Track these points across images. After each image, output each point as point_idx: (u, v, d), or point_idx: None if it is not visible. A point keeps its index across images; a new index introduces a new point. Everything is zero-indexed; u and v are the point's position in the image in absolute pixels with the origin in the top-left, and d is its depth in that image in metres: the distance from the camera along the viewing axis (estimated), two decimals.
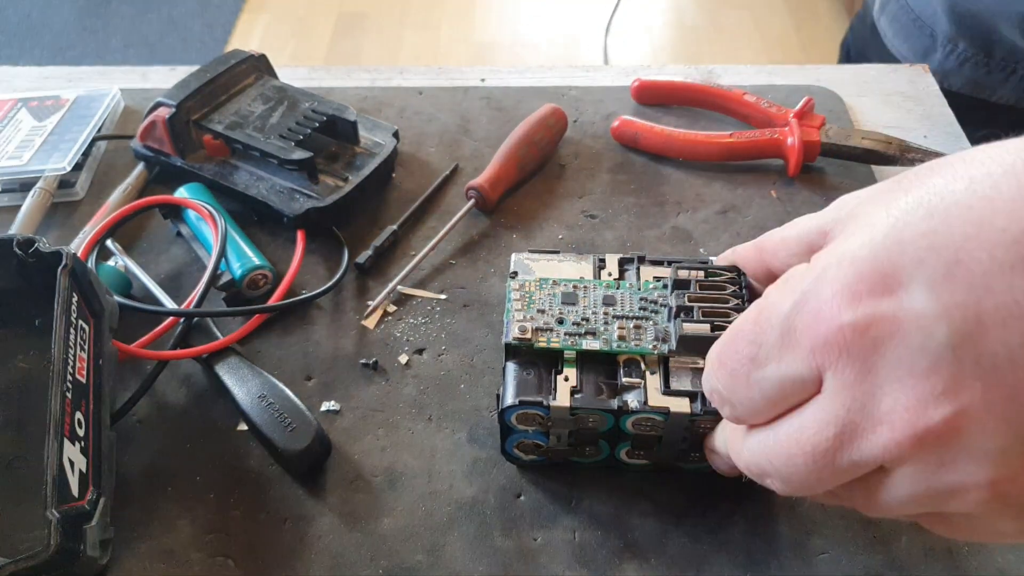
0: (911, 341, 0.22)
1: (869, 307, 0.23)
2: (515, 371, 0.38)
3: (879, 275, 0.23)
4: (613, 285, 0.40)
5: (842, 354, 0.24)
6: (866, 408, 0.23)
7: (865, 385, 0.23)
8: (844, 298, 0.24)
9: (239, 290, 0.48)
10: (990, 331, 0.21)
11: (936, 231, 0.22)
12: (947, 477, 0.23)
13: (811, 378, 0.25)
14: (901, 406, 0.23)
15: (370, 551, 0.38)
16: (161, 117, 0.53)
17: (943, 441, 0.22)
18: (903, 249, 0.23)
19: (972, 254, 0.22)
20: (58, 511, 0.32)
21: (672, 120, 0.60)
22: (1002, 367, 0.21)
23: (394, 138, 0.56)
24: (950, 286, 0.22)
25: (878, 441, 0.23)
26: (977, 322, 0.21)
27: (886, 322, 0.23)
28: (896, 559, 0.37)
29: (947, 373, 0.22)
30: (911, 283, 0.22)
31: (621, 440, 0.38)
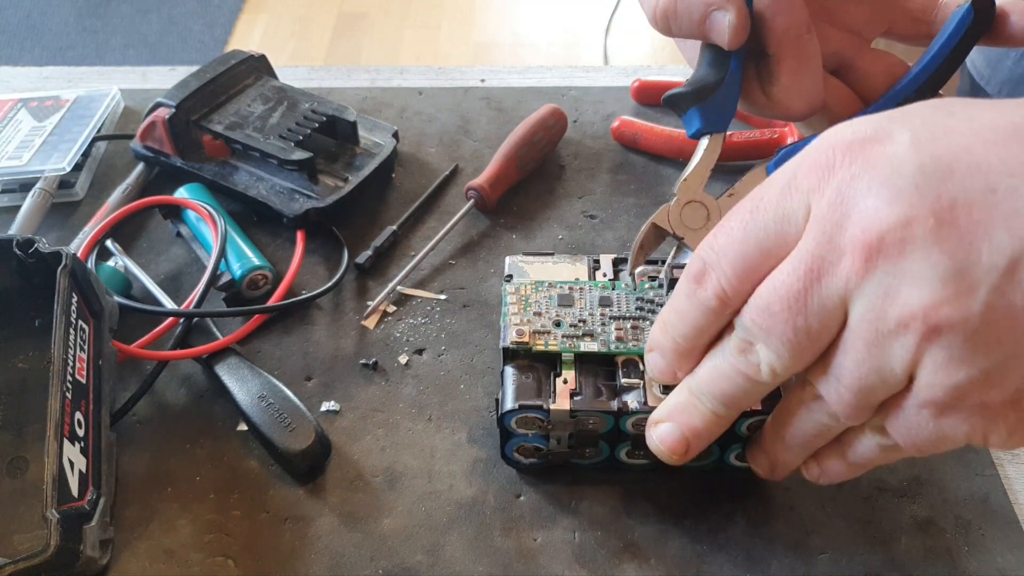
0: (882, 171, 0.24)
1: (857, 142, 0.25)
2: (513, 375, 0.38)
3: (873, 128, 0.26)
4: (608, 286, 0.40)
5: (827, 185, 0.25)
6: (833, 239, 0.25)
7: (836, 215, 0.25)
8: (837, 139, 0.26)
9: (239, 290, 0.48)
10: (956, 177, 0.23)
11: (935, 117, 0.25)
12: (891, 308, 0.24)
13: (803, 216, 0.26)
14: (860, 228, 0.24)
15: (370, 551, 0.38)
16: (161, 117, 0.53)
17: (889, 259, 0.24)
18: (901, 121, 0.26)
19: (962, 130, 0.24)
20: (58, 511, 0.33)
21: (672, 120, 0.60)
22: (958, 207, 0.23)
23: (394, 138, 0.56)
24: (932, 144, 0.24)
25: (841, 271, 0.25)
26: (947, 169, 0.24)
27: (867, 155, 0.25)
28: (896, 559, 0.37)
29: (906, 202, 0.24)
30: (899, 135, 0.25)
31: (621, 441, 0.38)
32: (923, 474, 0.40)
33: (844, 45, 0.39)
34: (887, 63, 0.39)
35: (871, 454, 0.30)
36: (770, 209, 0.27)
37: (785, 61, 0.36)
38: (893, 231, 0.24)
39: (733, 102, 0.38)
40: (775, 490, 0.40)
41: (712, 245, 0.29)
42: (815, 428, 0.30)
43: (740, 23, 0.35)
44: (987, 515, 0.39)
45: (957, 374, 0.24)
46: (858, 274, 0.24)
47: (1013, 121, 0.24)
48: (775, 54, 0.36)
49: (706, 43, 0.37)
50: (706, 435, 0.32)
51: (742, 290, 0.28)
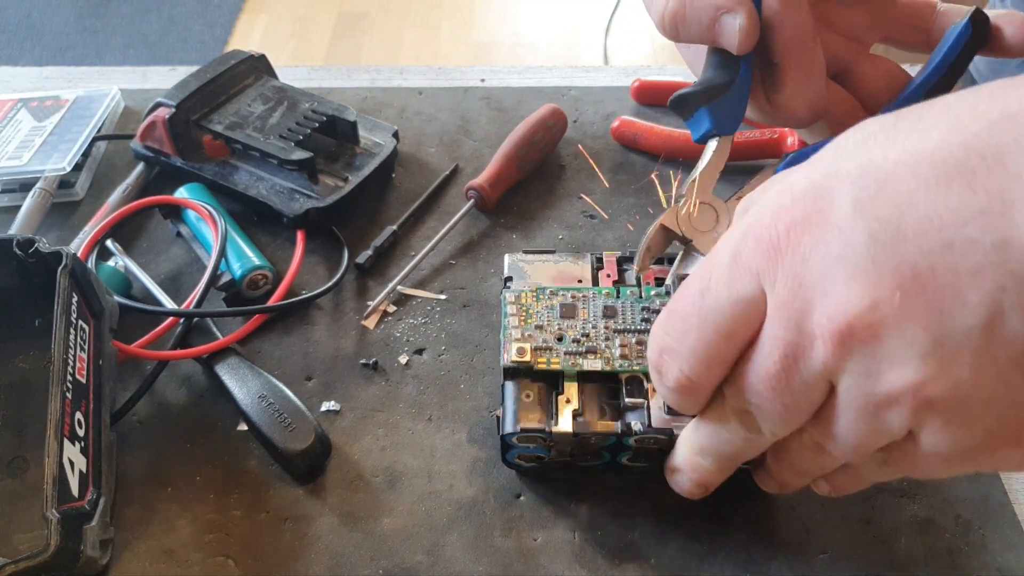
0: (833, 248, 0.23)
1: (799, 216, 0.24)
2: (514, 393, 0.37)
3: (813, 193, 0.24)
4: (613, 293, 0.39)
5: (778, 267, 0.24)
6: (801, 326, 0.24)
7: (797, 301, 0.24)
8: (780, 213, 0.25)
9: (239, 290, 0.48)
10: (910, 240, 0.22)
11: (872, 160, 0.24)
12: (878, 384, 0.23)
13: (758, 301, 0.25)
14: (826, 314, 0.23)
15: (370, 551, 0.38)
16: (161, 117, 0.53)
17: (864, 344, 0.23)
18: (839, 176, 0.24)
19: (900, 175, 0.23)
20: (58, 511, 0.33)
21: (672, 120, 0.60)
22: (921, 275, 0.22)
23: (394, 138, 0.56)
24: (875, 203, 0.23)
25: (816, 353, 0.24)
26: (897, 232, 0.22)
27: (813, 230, 0.24)
28: (896, 559, 0.37)
29: (864, 279, 0.23)
30: (839, 199, 0.24)
31: (622, 450, 0.38)
32: None
33: (843, 50, 0.39)
34: (886, 68, 0.39)
35: (878, 476, 0.30)
36: (721, 292, 0.26)
37: (791, 69, 0.36)
38: (860, 316, 0.23)
39: (743, 104, 0.38)
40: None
41: (666, 330, 0.29)
42: (818, 464, 0.30)
43: (750, 27, 0.34)
44: (987, 515, 0.39)
45: (958, 435, 0.24)
46: (835, 357, 0.24)
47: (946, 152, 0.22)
48: (781, 61, 0.36)
49: (714, 48, 0.37)
50: (720, 478, 0.33)
51: (709, 375, 0.28)
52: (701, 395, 0.29)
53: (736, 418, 0.29)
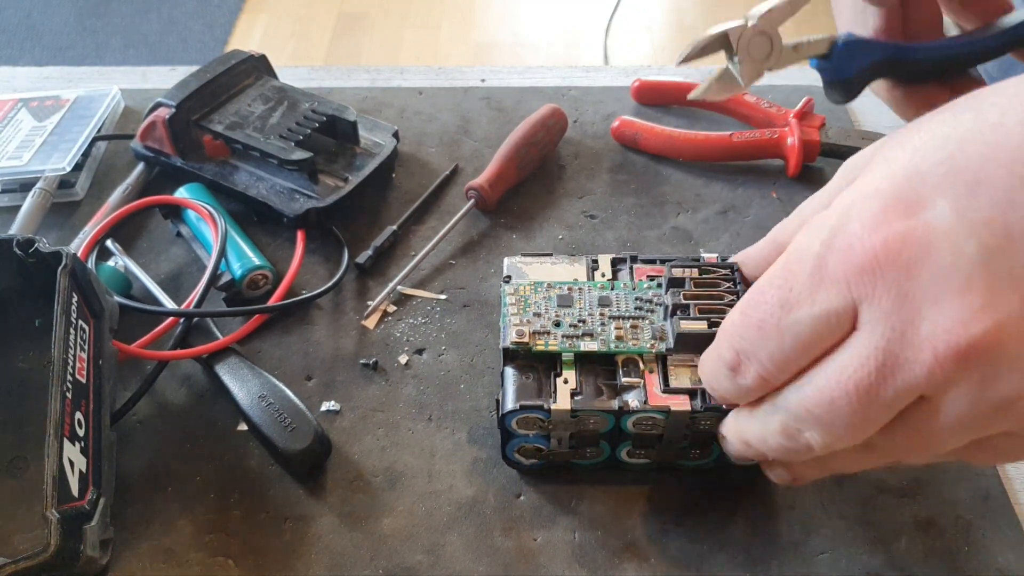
0: (943, 259, 0.22)
1: (899, 229, 0.23)
2: (514, 375, 0.37)
3: (904, 202, 0.24)
4: (608, 286, 0.40)
5: (877, 281, 0.24)
6: (906, 335, 0.23)
7: (903, 312, 0.23)
8: (874, 227, 0.24)
9: (239, 290, 0.48)
10: (1018, 242, 0.22)
11: (953, 157, 0.23)
12: (994, 393, 0.23)
13: (847, 313, 0.25)
14: (941, 327, 0.23)
15: (370, 551, 0.38)
16: (161, 117, 0.53)
17: (986, 356, 0.22)
18: (924, 177, 0.23)
19: (991, 173, 0.22)
20: (58, 511, 0.32)
21: (672, 120, 0.60)
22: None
23: (394, 138, 0.56)
24: (974, 203, 0.22)
25: (922, 367, 0.23)
26: (1006, 235, 0.22)
27: (917, 242, 0.23)
28: (896, 559, 0.37)
29: (982, 287, 0.22)
30: (935, 205, 0.23)
31: (622, 440, 0.38)
32: (923, 474, 0.40)
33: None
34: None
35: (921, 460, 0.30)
36: (804, 305, 0.26)
37: None
38: (983, 329, 0.22)
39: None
40: (775, 490, 0.40)
41: (744, 336, 0.28)
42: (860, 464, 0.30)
43: None
44: (987, 515, 0.39)
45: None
46: (945, 369, 0.23)
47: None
48: None
49: None
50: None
51: (784, 377, 0.28)
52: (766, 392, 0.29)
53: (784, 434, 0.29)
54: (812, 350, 0.26)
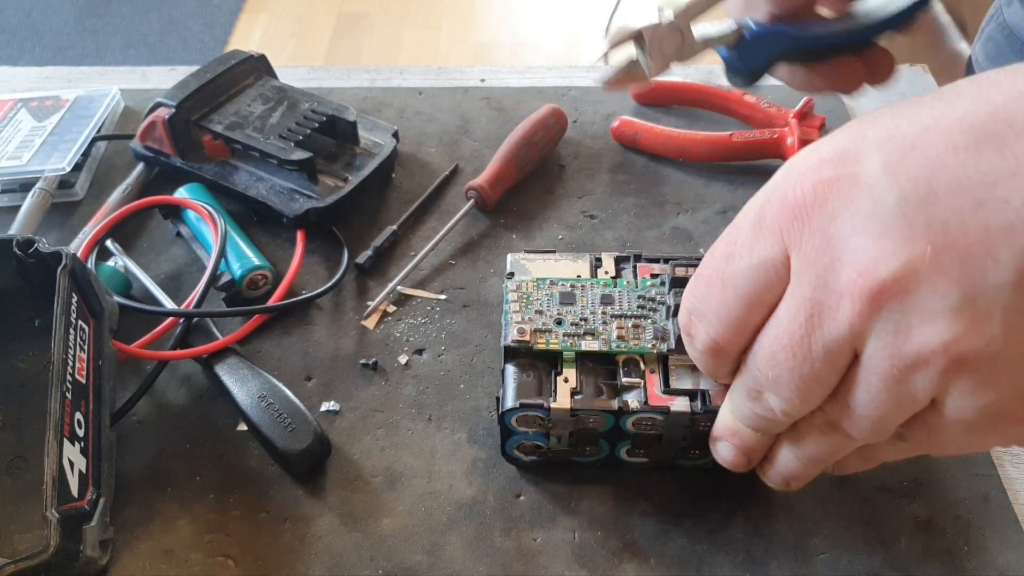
0: (864, 206, 0.23)
1: (828, 176, 0.24)
2: (514, 373, 0.38)
3: (840, 156, 0.25)
4: (610, 284, 0.40)
5: (804, 227, 0.24)
6: (828, 281, 0.24)
7: (825, 258, 0.24)
8: (807, 174, 0.25)
9: (239, 290, 0.48)
10: (941, 199, 0.22)
11: (898, 126, 0.24)
12: (906, 345, 0.23)
13: (783, 263, 0.25)
14: (856, 271, 0.23)
15: (370, 551, 0.38)
16: (161, 117, 0.53)
17: (895, 299, 0.23)
18: (865, 138, 0.24)
19: (929, 139, 0.23)
20: (58, 511, 0.32)
21: (672, 120, 0.60)
22: (952, 231, 0.22)
23: (394, 138, 0.56)
24: (905, 162, 0.23)
25: (843, 313, 0.24)
26: (928, 191, 0.23)
27: (842, 189, 0.24)
28: (896, 559, 0.37)
29: (897, 235, 0.23)
30: (868, 160, 0.24)
31: (621, 439, 0.38)
32: (923, 474, 0.40)
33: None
34: None
35: (889, 455, 0.30)
36: (744, 256, 0.26)
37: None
38: (893, 270, 0.23)
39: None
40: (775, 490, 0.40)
41: (694, 294, 0.29)
42: (831, 448, 0.30)
43: None
44: (987, 515, 0.39)
45: (986, 396, 0.24)
46: (862, 316, 0.23)
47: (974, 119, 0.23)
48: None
49: None
50: (760, 449, 0.33)
51: (736, 339, 0.28)
52: (728, 359, 0.29)
53: (750, 398, 0.29)
54: (754, 304, 0.26)
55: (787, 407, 0.27)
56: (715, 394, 0.36)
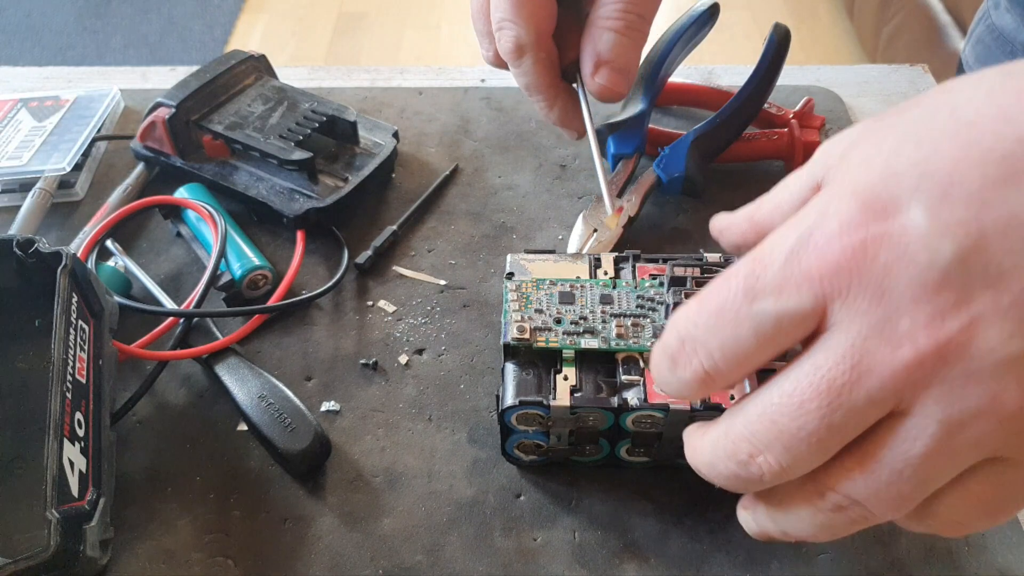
0: (919, 259, 0.23)
1: (876, 231, 0.23)
2: (514, 371, 0.38)
3: (881, 203, 0.24)
4: (610, 284, 0.40)
5: (853, 280, 0.23)
6: (884, 332, 0.23)
7: (880, 310, 0.23)
8: (852, 227, 0.24)
9: (239, 290, 0.48)
10: (993, 242, 0.22)
11: (927, 159, 0.23)
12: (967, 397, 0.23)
13: (814, 313, 0.24)
14: (919, 324, 0.23)
15: (370, 551, 0.38)
16: (161, 117, 0.53)
17: (962, 351, 0.22)
18: (899, 180, 0.24)
19: (965, 175, 0.23)
20: (58, 511, 0.33)
21: (672, 120, 0.60)
22: (1008, 273, 0.22)
23: (394, 138, 0.56)
24: (948, 205, 0.23)
25: (898, 363, 0.23)
26: (980, 235, 0.22)
27: (894, 244, 0.23)
28: (896, 559, 0.37)
29: (959, 285, 0.22)
30: (910, 207, 0.23)
31: (621, 438, 0.38)
32: None
33: None
34: None
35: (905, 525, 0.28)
36: (770, 297, 0.25)
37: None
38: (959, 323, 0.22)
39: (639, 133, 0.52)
40: None
41: (695, 322, 0.27)
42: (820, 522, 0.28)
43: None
44: None
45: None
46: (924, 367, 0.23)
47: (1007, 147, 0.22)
48: None
49: None
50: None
51: (733, 377, 0.26)
52: (708, 392, 0.28)
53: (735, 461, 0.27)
54: (767, 347, 0.25)
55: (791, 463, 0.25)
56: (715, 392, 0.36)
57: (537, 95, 0.47)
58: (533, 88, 0.46)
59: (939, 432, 0.23)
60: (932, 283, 0.22)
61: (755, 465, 0.26)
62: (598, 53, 0.44)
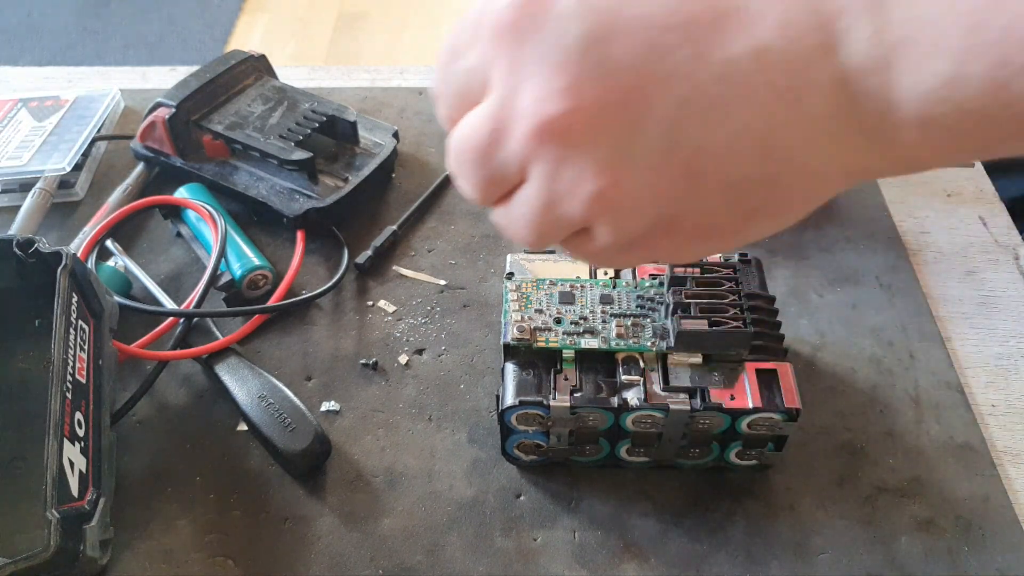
0: (549, 35, 0.23)
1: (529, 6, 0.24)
2: (514, 371, 0.38)
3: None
4: (610, 284, 0.40)
5: (500, 46, 0.24)
6: (511, 102, 0.24)
7: (512, 78, 0.24)
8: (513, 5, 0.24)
9: (239, 290, 0.48)
10: (620, 37, 0.22)
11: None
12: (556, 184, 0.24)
13: (484, 71, 0.25)
14: (532, 98, 0.23)
15: (370, 551, 0.38)
16: (161, 117, 0.53)
17: (559, 138, 0.23)
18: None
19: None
20: (58, 511, 0.33)
21: None
22: (622, 73, 0.22)
23: (394, 138, 0.56)
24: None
25: (516, 136, 0.24)
26: (610, 27, 0.22)
27: (536, 14, 0.24)
28: (896, 559, 0.37)
29: (573, 70, 0.23)
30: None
31: (621, 438, 0.38)
32: (923, 474, 0.40)
33: None
34: None
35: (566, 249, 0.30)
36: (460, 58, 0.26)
37: None
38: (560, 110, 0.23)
39: None
40: (775, 490, 0.40)
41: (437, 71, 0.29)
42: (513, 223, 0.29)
43: None
44: (987, 515, 0.39)
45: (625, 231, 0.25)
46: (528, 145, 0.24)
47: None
48: None
49: None
50: None
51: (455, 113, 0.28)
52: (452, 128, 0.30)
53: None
54: (465, 101, 0.27)
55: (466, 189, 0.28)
56: (715, 392, 0.36)
57: None
58: None
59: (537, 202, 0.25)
60: (553, 61, 0.23)
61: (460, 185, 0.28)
62: None
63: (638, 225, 0.25)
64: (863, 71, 0.21)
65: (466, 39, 0.26)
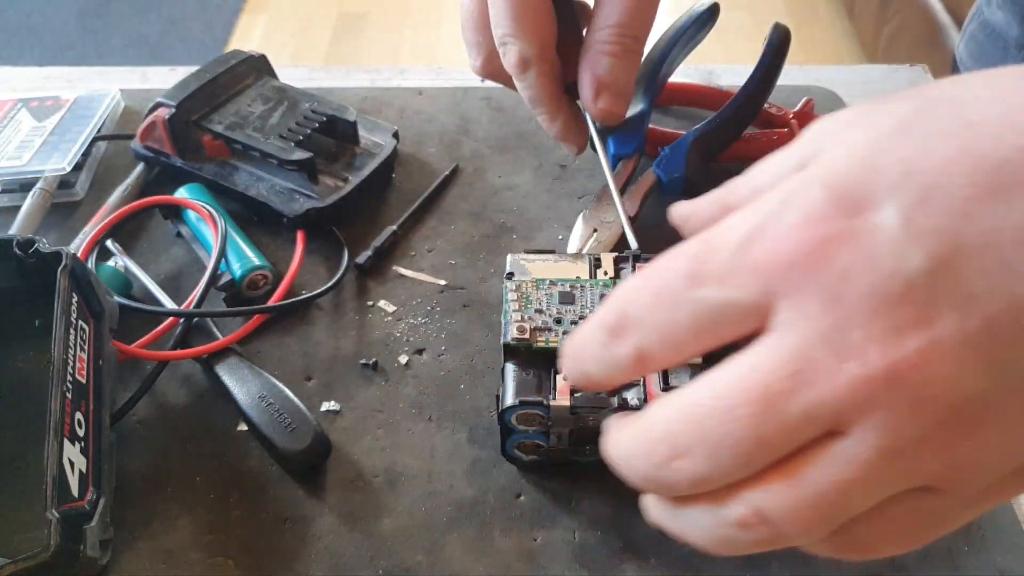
0: (883, 265, 0.20)
1: (840, 227, 0.21)
2: (514, 371, 0.38)
3: (852, 198, 0.21)
4: (610, 284, 0.40)
5: (806, 280, 0.21)
6: (831, 341, 0.20)
7: (830, 316, 0.20)
8: (812, 221, 0.21)
9: (239, 290, 0.48)
10: (968, 258, 0.19)
11: (915, 156, 0.21)
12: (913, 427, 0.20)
13: (757, 310, 0.22)
14: (872, 338, 0.20)
15: (370, 551, 0.38)
16: (161, 117, 0.53)
17: (914, 377, 0.20)
18: (879, 174, 0.21)
19: (951, 179, 0.20)
20: (58, 511, 0.33)
21: (672, 120, 0.60)
22: (979, 296, 0.19)
23: (394, 138, 0.56)
24: (926, 210, 0.20)
25: (843, 379, 0.20)
26: (955, 248, 0.20)
27: (857, 245, 0.20)
28: (896, 559, 0.37)
29: (922, 301, 0.20)
30: (883, 206, 0.20)
31: None
32: None
33: None
34: None
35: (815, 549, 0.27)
36: (714, 285, 0.22)
37: None
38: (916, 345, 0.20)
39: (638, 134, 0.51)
40: None
41: (635, 298, 0.24)
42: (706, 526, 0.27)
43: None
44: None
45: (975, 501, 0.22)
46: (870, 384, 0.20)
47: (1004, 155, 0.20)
48: None
49: None
50: None
51: (663, 361, 0.24)
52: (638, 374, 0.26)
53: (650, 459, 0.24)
54: (704, 337, 0.23)
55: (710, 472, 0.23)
56: None
57: (540, 108, 0.47)
58: (537, 101, 0.47)
59: (876, 460, 0.21)
60: (893, 294, 0.20)
61: (671, 470, 0.23)
62: (597, 78, 0.45)
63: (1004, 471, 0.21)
64: None
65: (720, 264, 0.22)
